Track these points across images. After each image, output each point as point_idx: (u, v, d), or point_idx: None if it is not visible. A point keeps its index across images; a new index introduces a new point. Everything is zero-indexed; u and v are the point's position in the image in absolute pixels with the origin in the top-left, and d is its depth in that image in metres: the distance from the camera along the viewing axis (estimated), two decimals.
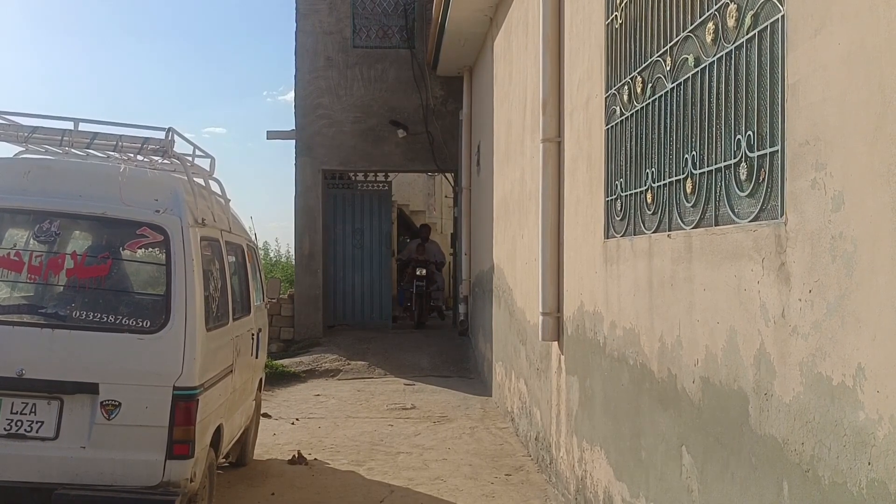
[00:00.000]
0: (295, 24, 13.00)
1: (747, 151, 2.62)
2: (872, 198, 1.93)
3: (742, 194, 2.68)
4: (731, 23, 2.76)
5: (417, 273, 13.81)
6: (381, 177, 13.56)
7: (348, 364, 11.24)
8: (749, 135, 2.61)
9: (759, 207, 2.56)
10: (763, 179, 2.53)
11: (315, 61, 12.89)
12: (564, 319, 5.50)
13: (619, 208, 4.17)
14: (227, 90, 70.54)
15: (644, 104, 3.76)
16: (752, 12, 2.61)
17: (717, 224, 2.89)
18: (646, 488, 3.67)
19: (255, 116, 58.43)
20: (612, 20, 4.30)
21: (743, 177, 2.66)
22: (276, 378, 10.34)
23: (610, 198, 4.33)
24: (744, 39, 2.67)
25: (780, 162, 2.41)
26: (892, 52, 1.86)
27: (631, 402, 3.91)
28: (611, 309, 4.29)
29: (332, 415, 8.52)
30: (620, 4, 4.13)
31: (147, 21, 64.45)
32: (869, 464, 1.94)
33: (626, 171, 4.04)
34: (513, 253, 7.94)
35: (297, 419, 8.22)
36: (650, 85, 3.68)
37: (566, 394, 5.40)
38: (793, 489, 2.30)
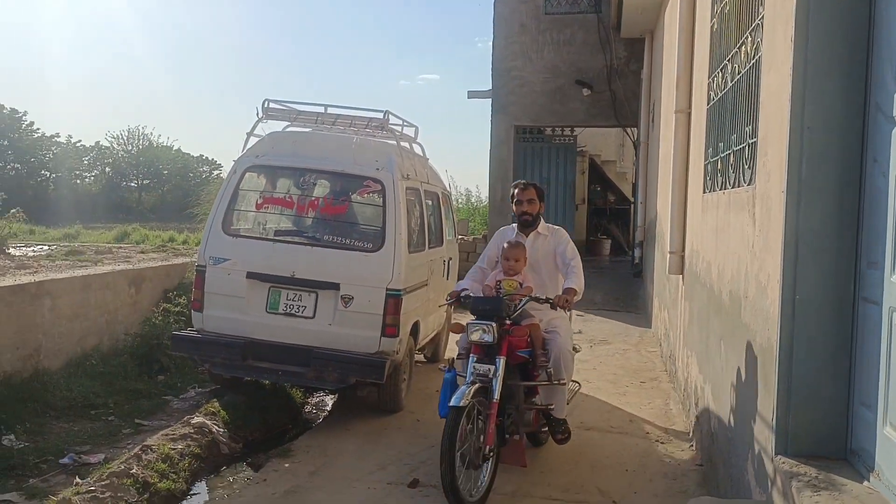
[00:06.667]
0: None
1: (748, 140, 3.96)
2: (778, 176, 3.29)
3: (746, 167, 4.02)
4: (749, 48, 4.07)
5: (481, 337, 4.67)
6: (567, 131, 14.98)
7: None
8: (748, 129, 3.95)
9: (749, 178, 3.91)
10: (750, 159, 3.87)
11: (510, 27, 14.46)
12: (686, 257, 6.85)
13: (709, 171, 5.49)
14: (441, 37, 73.68)
15: (723, 93, 5.04)
16: (754, 47, 3.92)
17: (737, 186, 4.24)
18: (708, 374, 5.09)
19: (468, 62, 60.99)
20: (713, 24, 5.54)
21: (747, 155, 4.01)
22: None
23: (706, 162, 5.64)
24: (754, 61, 3.98)
25: (756, 149, 3.75)
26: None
27: (705, 316, 5.30)
28: (702, 247, 5.64)
29: None
30: (716, 13, 5.38)
31: None
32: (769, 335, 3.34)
33: (714, 143, 5.35)
34: (666, 203, 9.19)
35: None
36: (724, 79, 4.96)
37: (684, 315, 6.77)
38: (750, 354, 3.71)
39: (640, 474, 5.17)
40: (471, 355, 4.73)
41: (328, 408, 7.26)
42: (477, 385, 4.44)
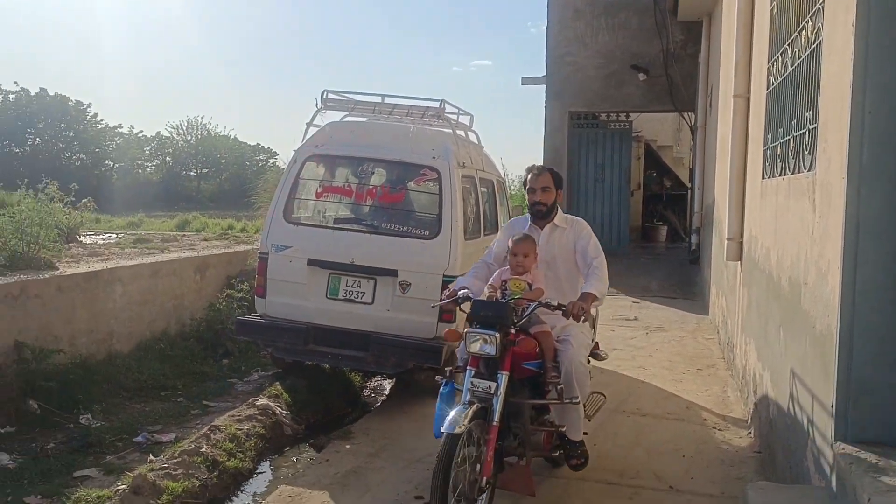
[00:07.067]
0: None
1: (808, 125, 3.93)
2: (839, 163, 3.27)
3: (807, 153, 3.99)
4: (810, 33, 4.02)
5: (481, 348, 3.93)
6: (622, 116, 14.85)
7: None
8: (808, 115, 3.91)
9: (809, 164, 3.88)
10: (811, 145, 3.84)
11: (564, 13, 14.38)
12: (744, 243, 6.78)
13: (768, 156, 5.43)
14: (493, 22, 73.53)
15: (782, 78, 4.98)
16: (815, 32, 3.88)
17: (797, 172, 4.20)
18: (767, 361, 5.06)
19: (521, 48, 60.84)
20: (773, 7, 5.47)
21: (807, 141, 3.97)
22: None
23: (765, 147, 5.58)
24: (814, 45, 3.93)
25: (816, 135, 3.72)
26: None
27: (764, 302, 5.27)
28: (761, 234, 5.59)
29: None
30: None
31: None
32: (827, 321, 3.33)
33: (773, 128, 5.29)
34: (724, 188, 9.08)
35: None
36: (784, 63, 4.90)
37: (742, 302, 6.72)
38: (810, 341, 3.70)
39: (697, 460, 5.18)
40: (468, 368, 3.98)
41: (386, 392, 7.42)
42: (476, 406, 3.78)
